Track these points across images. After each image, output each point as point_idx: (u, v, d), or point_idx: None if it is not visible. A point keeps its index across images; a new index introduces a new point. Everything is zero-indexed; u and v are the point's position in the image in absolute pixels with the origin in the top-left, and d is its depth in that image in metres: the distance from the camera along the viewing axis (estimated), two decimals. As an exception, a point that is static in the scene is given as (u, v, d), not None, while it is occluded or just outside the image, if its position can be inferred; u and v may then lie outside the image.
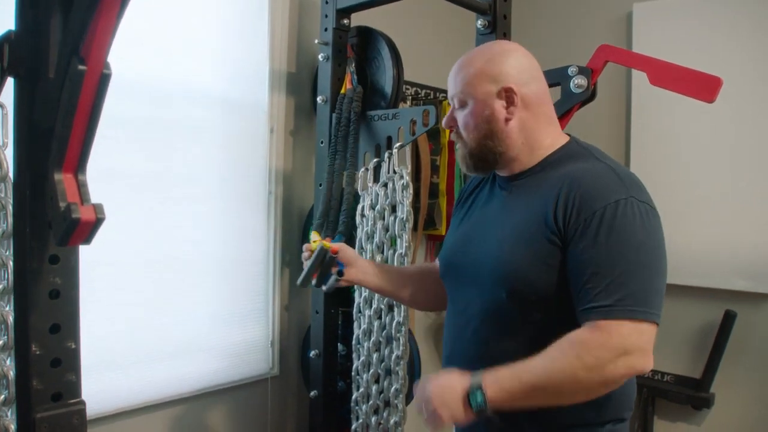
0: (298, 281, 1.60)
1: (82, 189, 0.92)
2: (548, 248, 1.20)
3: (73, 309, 1.03)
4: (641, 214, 1.17)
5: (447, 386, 1.16)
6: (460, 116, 1.33)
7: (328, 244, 1.55)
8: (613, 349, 1.10)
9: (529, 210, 1.25)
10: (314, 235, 1.68)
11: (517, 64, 1.29)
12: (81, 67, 0.84)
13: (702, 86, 1.56)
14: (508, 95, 1.27)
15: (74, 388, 1.03)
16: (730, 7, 2.65)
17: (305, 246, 1.63)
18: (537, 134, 1.31)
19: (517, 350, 1.25)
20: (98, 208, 0.89)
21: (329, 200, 2.07)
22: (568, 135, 1.36)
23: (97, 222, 0.88)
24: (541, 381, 1.12)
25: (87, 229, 0.88)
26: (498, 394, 1.12)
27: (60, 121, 0.89)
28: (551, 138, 1.32)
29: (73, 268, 1.03)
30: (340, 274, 1.56)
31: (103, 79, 0.87)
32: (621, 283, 1.12)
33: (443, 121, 1.38)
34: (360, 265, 1.61)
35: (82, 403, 1.03)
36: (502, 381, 1.13)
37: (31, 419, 0.97)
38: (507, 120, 1.28)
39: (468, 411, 1.13)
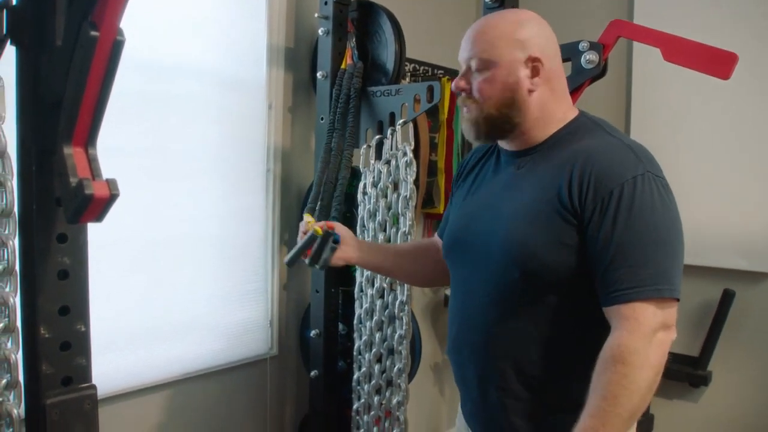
0: (286, 260, 1.51)
1: (93, 163, 0.87)
2: (564, 227, 1.17)
3: (82, 290, 0.99)
4: (658, 189, 1.14)
5: None
6: (478, 79, 1.24)
7: (320, 230, 1.46)
8: (645, 336, 1.08)
9: (540, 187, 1.21)
10: (307, 217, 1.60)
11: (543, 34, 1.24)
12: (93, 33, 0.80)
13: (717, 62, 1.53)
14: (534, 65, 1.22)
15: (85, 372, 0.99)
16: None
17: (302, 226, 1.53)
18: (551, 109, 1.26)
19: (526, 333, 1.23)
20: (112, 184, 0.84)
21: (321, 183, 2.02)
22: (578, 109, 1.32)
23: (111, 198, 0.84)
24: (617, 420, 1.07)
25: (100, 206, 0.84)
26: None
27: (70, 91, 0.84)
28: (562, 112, 1.28)
29: (82, 246, 0.99)
30: (336, 241, 1.48)
31: (117, 46, 0.82)
32: (643, 263, 1.10)
33: (453, 83, 1.29)
34: (354, 244, 1.53)
35: (93, 387, 1.00)
36: None
37: (41, 405, 0.94)
38: (530, 91, 1.23)
39: None
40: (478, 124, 1.26)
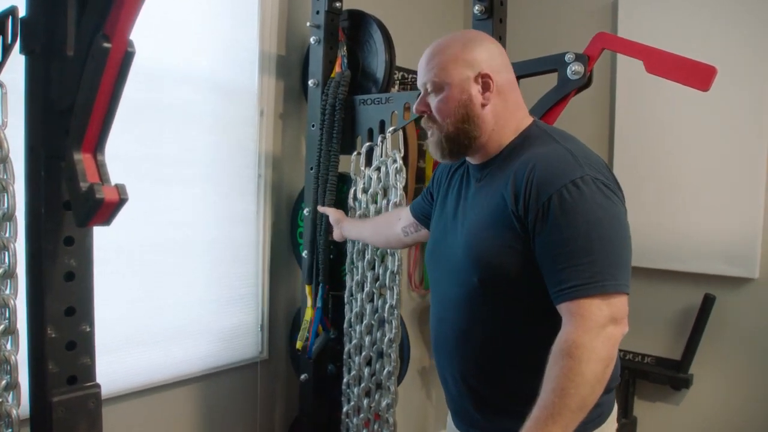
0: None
1: (101, 169, 0.90)
2: (511, 233, 1.23)
3: (87, 291, 1.01)
4: (598, 189, 1.18)
5: None
6: (434, 101, 1.34)
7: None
8: (591, 330, 1.12)
9: (493, 196, 1.28)
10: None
11: (489, 52, 1.32)
12: (106, 45, 0.83)
13: (697, 75, 1.58)
14: (484, 81, 1.30)
15: (89, 372, 1.02)
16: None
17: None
18: (506, 121, 1.33)
19: (488, 332, 1.30)
20: (121, 189, 0.88)
21: (317, 185, 2.14)
22: (532, 117, 1.39)
23: (120, 202, 0.87)
24: (566, 412, 1.10)
25: (109, 210, 0.87)
26: None
27: (81, 99, 0.87)
28: (516, 122, 1.35)
29: (87, 249, 1.01)
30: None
31: (127, 57, 0.85)
32: (587, 262, 1.14)
33: (414, 106, 1.39)
34: (339, 227, 2.05)
35: (98, 386, 1.02)
36: None
37: (47, 402, 0.96)
38: (483, 105, 1.31)
39: None
40: (441, 143, 1.35)
